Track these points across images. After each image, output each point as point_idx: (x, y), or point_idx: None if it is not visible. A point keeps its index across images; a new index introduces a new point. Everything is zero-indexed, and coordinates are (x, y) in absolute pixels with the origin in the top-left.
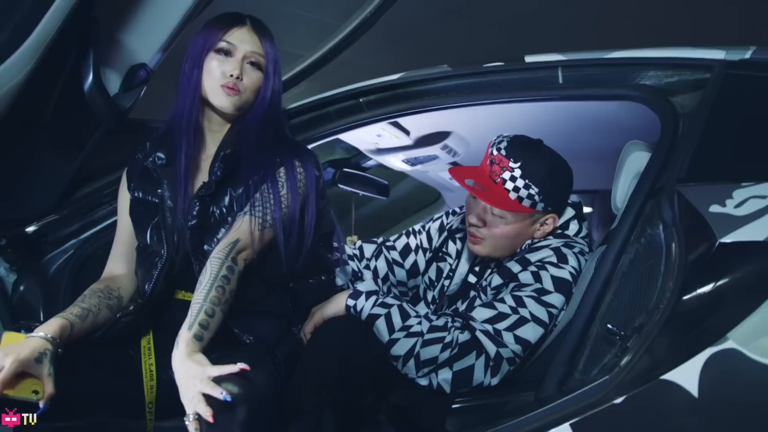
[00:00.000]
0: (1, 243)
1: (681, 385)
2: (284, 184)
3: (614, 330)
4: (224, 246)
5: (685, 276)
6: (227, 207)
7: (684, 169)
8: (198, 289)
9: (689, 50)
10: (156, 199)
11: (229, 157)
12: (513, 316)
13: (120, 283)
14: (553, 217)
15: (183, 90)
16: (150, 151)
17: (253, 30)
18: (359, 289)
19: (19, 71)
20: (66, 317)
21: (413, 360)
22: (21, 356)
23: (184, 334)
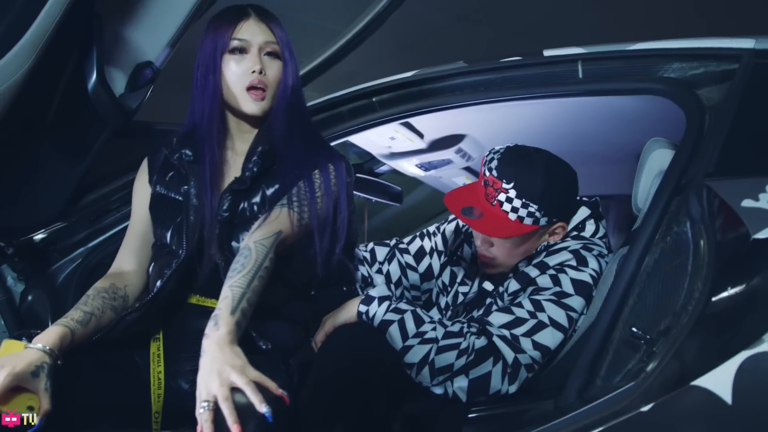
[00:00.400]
0: (8, 252)
1: (713, 391)
2: (320, 184)
3: (639, 334)
4: (268, 234)
5: (715, 275)
6: (258, 204)
7: (712, 163)
8: (239, 272)
9: (716, 40)
10: (180, 197)
11: (267, 153)
12: (531, 321)
13: (128, 280)
14: (562, 225)
15: (198, 98)
16: (177, 147)
17: (260, 19)
18: (371, 294)
19: (18, 68)
20: (67, 324)
21: (428, 367)
22: (16, 370)
23: (226, 317)
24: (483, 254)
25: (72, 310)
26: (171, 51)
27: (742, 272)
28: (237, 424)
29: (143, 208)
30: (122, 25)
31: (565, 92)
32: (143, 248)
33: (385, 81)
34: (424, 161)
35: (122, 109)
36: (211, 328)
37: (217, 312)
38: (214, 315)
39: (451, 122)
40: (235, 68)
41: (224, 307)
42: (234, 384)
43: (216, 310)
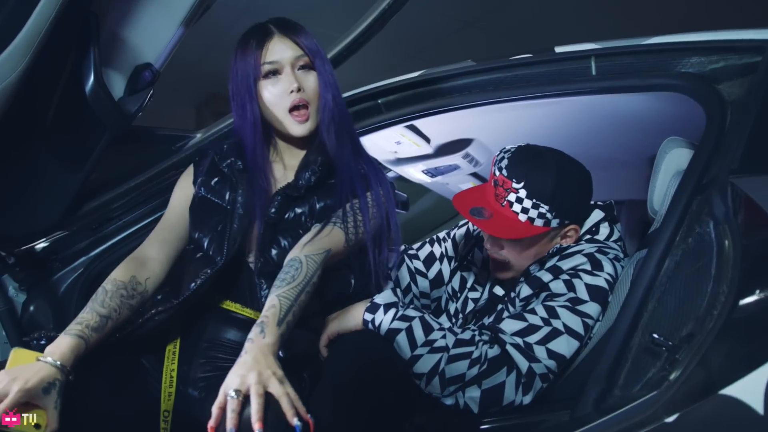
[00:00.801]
0: (9, 261)
1: (743, 401)
2: (371, 204)
3: (660, 340)
4: (319, 251)
5: (742, 277)
6: (306, 214)
7: (736, 160)
8: (289, 284)
9: (736, 32)
10: (225, 204)
11: (326, 165)
12: (545, 329)
13: (150, 270)
14: (574, 228)
15: (240, 125)
16: (227, 153)
17: (284, 35)
18: (377, 301)
19: (12, 70)
20: (80, 334)
21: (438, 378)
22: (28, 385)
23: (272, 327)
24: (493, 257)
25: (87, 312)
26: (171, 52)
27: None
28: (261, 421)
29: (181, 206)
30: (119, 24)
31: (578, 90)
32: (172, 242)
33: (391, 82)
34: (430, 167)
35: (122, 112)
36: (257, 335)
37: (264, 320)
38: (261, 322)
39: (458, 126)
40: (272, 91)
41: (271, 317)
42: (270, 389)
43: (263, 317)
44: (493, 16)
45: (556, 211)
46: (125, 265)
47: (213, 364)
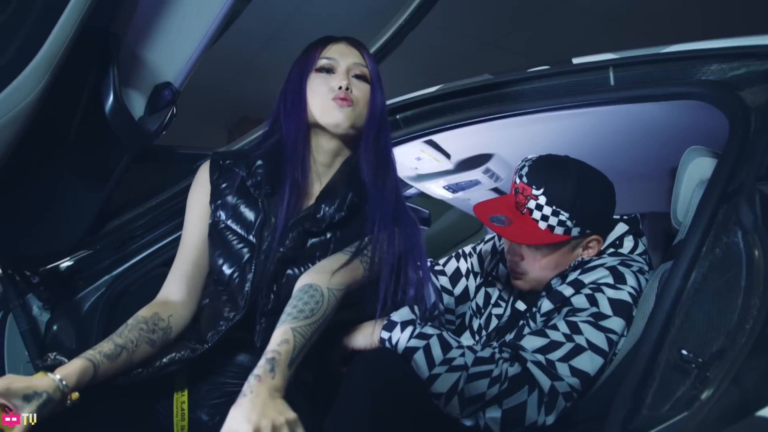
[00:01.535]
0: (33, 280)
1: None
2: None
3: (690, 357)
4: (342, 285)
5: None
6: (323, 245)
7: (764, 166)
8: (307, 318)
9: (758, 38)
10: (253, 237)
11: (352, 207)
12: (567, 345)
13: (173, 310)
14: (597, 239)
15: (286, 120)
16: (255, 170)
17: (350, 44)
18: (394, 319)
19: (32, 89)
20: (91, 358)
21: (457, 397)
22: (11, 386)
23: (284, 367)
24: (513, 269)
25: (104, 341)
26: (191, 71)
27: None
28: None
29: (200, 231)
30: (138, 44)
31: (597, 101)
32: (195, 275)
33: (409, 97)
34: (451, 182)
35: (142, 131)
36: (266, 373)
37: (276, 357)
38: (272, 359)
39: (477, 141)
40: (320, 84)
41: (284, 354)
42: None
43: (274, 353)
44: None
45: (576, 219)
46: (150, 304)
47: (222, 390)
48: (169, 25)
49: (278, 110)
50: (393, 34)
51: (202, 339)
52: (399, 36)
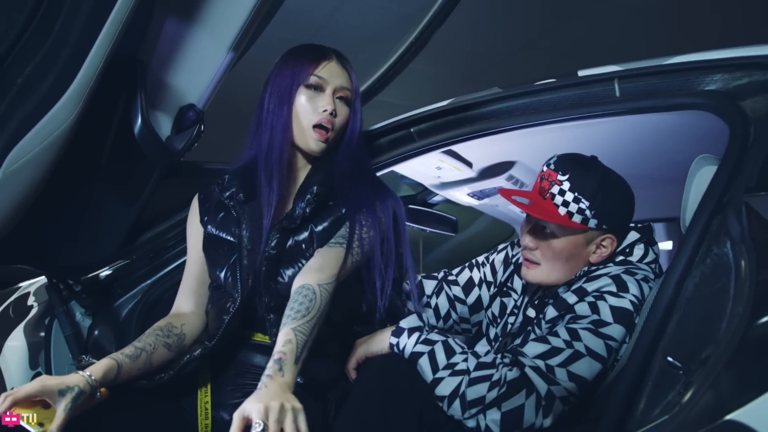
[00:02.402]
0: (76, 289)
1: (751, 426)
2: (371, 223)
3: (675, 363)
4: (330, 279)
5: (757, 299)
6: (306, 241)
7: (754, 178)
8: (304, 317)
9: (760, 48)
10: (234, 239)
11: (321, 195)
12: (567, 351)
13: (185, 320)
14: (611, 238)
15: (271, 126)
16: (228, 185)
17: (340, 64)
18: (402, 325)
19: (67, 116)
20: (115, 358)
21: (459, 400)
22: (46, 383)
23: (290, 365)
24: (526, 257)
25: (127, 346)
26: (212, 93)
27: None
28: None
29: (197, 248)
30: (163, 70)
31: (602, 112)
32: (200, 288)
33: (422, 111)
34: (475, 190)
35: (169, 150)
36: (276, 372)
37: (282, 357)
38: (279, 359)
39: (498, 150)
40: (306, 103)
41: (289, 353)
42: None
43: (280, 354)
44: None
45: (595, 211)
46: (164, 318)
47: (242, 390)
48: (190, 51)
49: (259, 118)
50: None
51: (211, 337)
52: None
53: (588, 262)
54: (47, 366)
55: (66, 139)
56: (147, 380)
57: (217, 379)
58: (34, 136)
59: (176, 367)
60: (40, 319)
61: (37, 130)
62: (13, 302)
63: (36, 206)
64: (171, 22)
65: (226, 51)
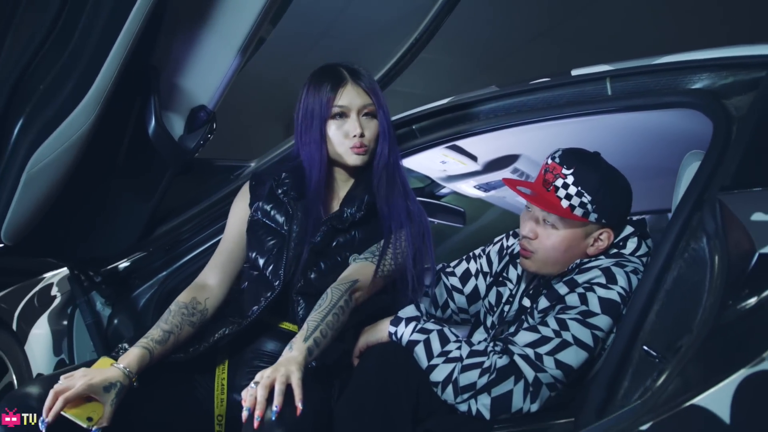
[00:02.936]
0: (96, 280)
1: (711, 410)
2: (403, 239)
3: (651, 352)
4: (345, 282)
5: (725, 292)
6: (347, 244)
7: (729, 175)
8: (316, 311)
9: (745, 48)
10: (284, 232)
11: (370, 205)
12: (555, 340)
13: (209, 293)
14: (608, 232)
15: (309, 146)
16: (283, 182)
17: (355, 83)
18: (400, 315)
19: (86, 120)
20: (146, 346)
21: (452, 386)
22: (92, 381)
23: (299, 343)
24: (524, 246)
25: (153, 329)
26: (222, 94)
27: (749, 289)
28: (280, 405)
29: (238, 228)
30: (175, 74)
31: (595, 110)
32: (229, 265)
33: (423, 109)
34: (481, 182)
35: (181, 149)
36: (287, 351)
37: (294, 339)
38: (291, 341)
39: (502, 144)
40: (336, 132)
41: (299, 336)
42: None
43: (293, 339)
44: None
45: (596, 205)
46: (188, 289)
47: (256, 373)
48: (201, 55)
49: (299, 135)
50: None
51: (244, 314)
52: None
53: (585, 254)
54: (70, 353)
55: (85, 141)
56: (183, 353)
57: (234, 360)
58: (55, 139)
59: (211, 340)
60: (63, 309)
61: (59, 132)
62: (38, 292)
63: (58, 203)
64: (182, 28)
65: (235, 54)
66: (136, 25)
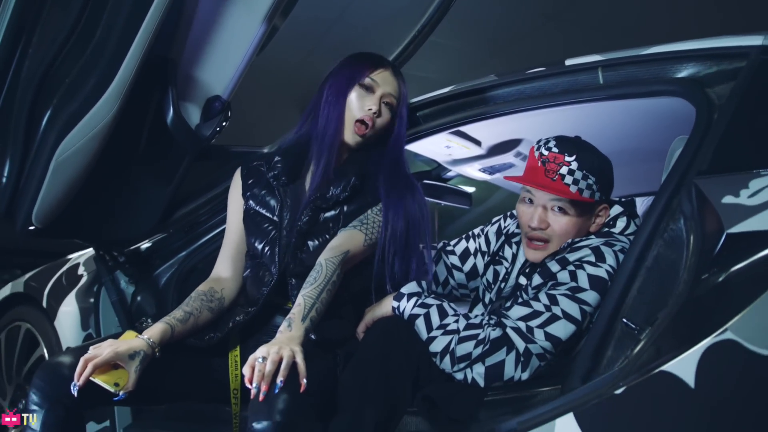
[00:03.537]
0: (120, 260)
1: (678, 375)
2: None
3: (630, 324)
4: (338, 253)
5: (697, 269)
6: (334, 219)
7: (706, 161)
8: (312, 285)
9: (728, 39)
10: (276, 218)
11: (355, 187)
12: (546, 314)
13: (224, 284)
14: (606, 207)
15: (327, 114)
16: (274, 165)
17: (394, 74)
18: (402, 291)
19: (108, 111)
20: (169, 322)
21: (449, 356)
22: (118, 349)
23: (298, 322)
24: (537, 237)
25: (176, 309)
26: (236, 85)
27: (716, 266)
28: (284, 378)
29: (237, 219)
30: (191, 66)
31: (589, 98)
32: (237, 256)
33: (426, 97)
34: (486, 166)
35: (198, 137)
36: (285, 328)
37: (291, 316)
38: (289, 318)
39: (503, 129)
40: (356, 100)
41: (297, 314)
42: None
43: (290, 314)
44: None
45: (599, 185)
46: (205, 282)
47: None
48: (215, 49)
49: (316, 105)
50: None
51: (251, 302)
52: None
53: (587, 232)
54: (96, 328)
55: (108, 131)
56: (197, 339)
57: (247, 340)
58: (80, 129)
59: (224, 329)
60: (89, 287)
61: (84, 123)
62: (65, 272)
63: (84, 188)
64: (197, 23)
65: (247, 47)
66: (155, 22)
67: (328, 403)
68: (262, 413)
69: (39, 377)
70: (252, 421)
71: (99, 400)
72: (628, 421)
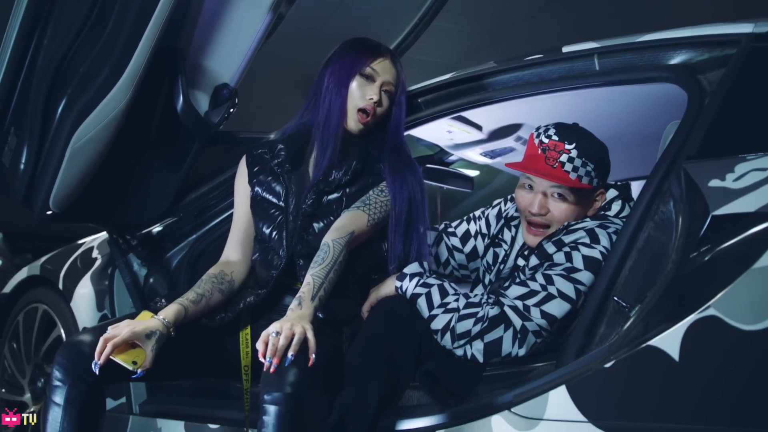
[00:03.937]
0: (132, 243)
1: (663, 349)
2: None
3: (621, 303)
4: (343, 234)
5: (684, 249)
6: (337, 201)
7: (695, 145)
8: (320, 265)
9: (720, 26)
10: (282, 203)
11: (356, 171)
12: (542, 293)
13: (234, 268)
14: (602, 192)
15: (329, 102)
16: (279, 152)
17: (392, 62)
18: (405, 271)
19: (121, 100)
20: (182, 303)
21: (449, 333)
22: (135, 329)
23: (308, 301)
24: (537, 222)
25: (188, 291)
26: (243, 73)
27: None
28: (295, 353)
29: (244, 205)
30: (200, 55)
31: (585, 84)
32: (246, 240)
33: (428, 83)
34: (487, 150)
35: (206, 124)
36: (296, 306)
37: (301, 295)
38: (299, 296)
39: (504, 114)
40: (357, 89)
41: (307, 292)
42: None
43: (300, 293)
44: None
45: (597, 171)
46: (216, 265)
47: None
48: (222, 38)
49: (317, 93)
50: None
51: (260, 284)
52: None
53: (585, 216)
54: (111, 308)
55: (121, 119)
56: (208, 320)
57: (258, 319)
58: (94, 117)
59: (235, 309)
60: (103, 270)
61: (97, 112)
62: (80, 255)
63: (99, 174)
64: (205, 13)
65: (254, 36)
66: (165, 13)
67: (335, 378)
68: (274, 386)
69: (61, 355)
70: (264, 393)
71: (117, 377)
72: (616, 392)
